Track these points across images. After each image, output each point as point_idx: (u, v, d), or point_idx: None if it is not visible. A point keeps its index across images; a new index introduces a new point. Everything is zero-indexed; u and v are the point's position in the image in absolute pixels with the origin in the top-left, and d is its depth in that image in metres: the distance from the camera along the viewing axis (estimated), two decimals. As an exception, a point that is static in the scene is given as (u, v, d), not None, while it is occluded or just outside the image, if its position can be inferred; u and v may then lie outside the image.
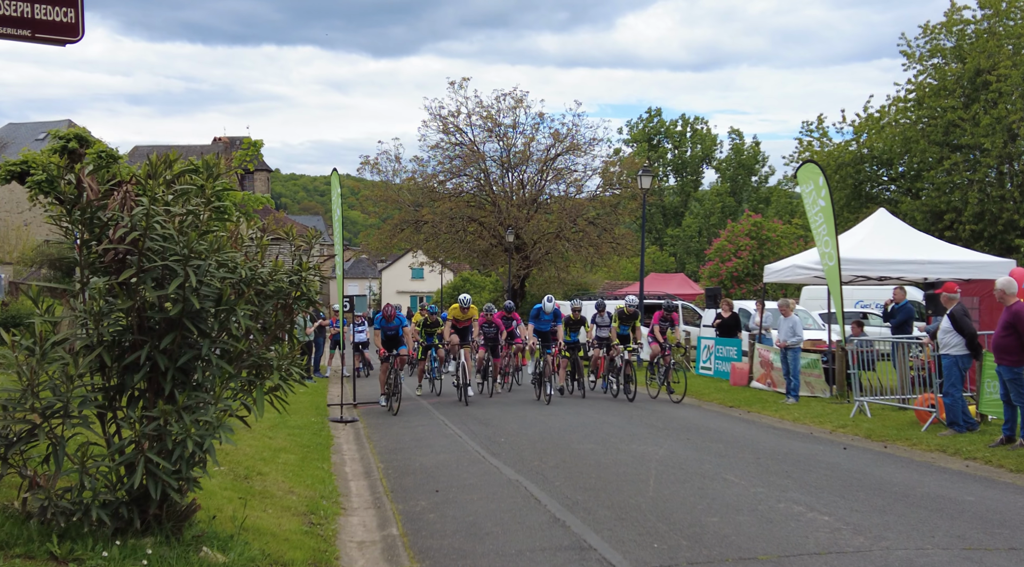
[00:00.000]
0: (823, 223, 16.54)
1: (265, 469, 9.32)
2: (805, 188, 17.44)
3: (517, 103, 43.61)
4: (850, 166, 40.74)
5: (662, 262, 61.57)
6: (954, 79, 38.58)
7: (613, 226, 44.28)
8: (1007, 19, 37.81)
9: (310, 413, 15.46)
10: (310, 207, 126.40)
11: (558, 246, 43.43)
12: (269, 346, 5.70)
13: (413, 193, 44.77)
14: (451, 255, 46.95)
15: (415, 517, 8.14)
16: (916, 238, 18.71)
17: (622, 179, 43.94)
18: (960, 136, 37.34)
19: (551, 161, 43.99)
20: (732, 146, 72.66)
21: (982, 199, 36.90)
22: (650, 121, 74.22)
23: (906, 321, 17.03)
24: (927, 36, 40.06)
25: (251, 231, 5.76)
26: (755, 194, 70.31)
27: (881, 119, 41.16)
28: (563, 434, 12.80)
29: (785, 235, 37.82)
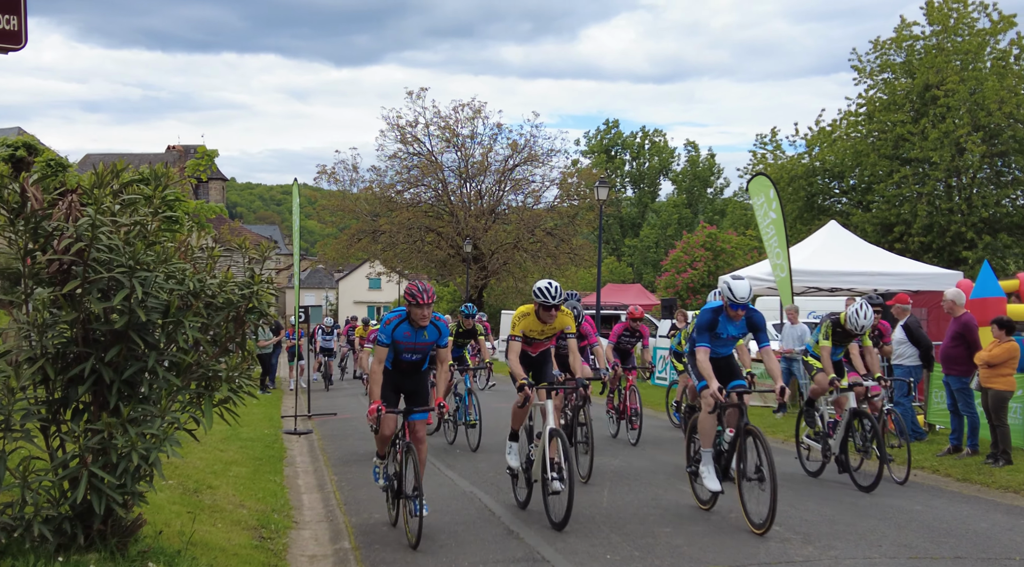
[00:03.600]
0: (774, 235, 16.76)
1: (216, 482, 9.19)
2: (756, 200, 17.67)
3: (475, 113, 43.73)
4: (802, 179, 41.32)
5: (619, 272, 61.93)
6: (903, 94, 39.35)
7: (571, 237, 44.50)
8: (955, 35, 38.69)
9: (263, 425, 15.28)
10: (266, 216, 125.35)
11: (516, 256, 43.52)
12: (219, 358, 5.63)
13: (370, 203, 44.62)
14: (409, 265, 46.81)
15: (368, 530, 8.08)
16: (866, 250, 19.04)
17: (580, 190, 44.19)
18: (909, 150, 38.08)
19: (509, 172, 44.11)
20: (688, 158, 73.43)
21: (931, 212, 37.64)
22: (608, 132, 74.76)
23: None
24: (877, 51, 40.85)
25: (202, 241, 5.68)
26: (710, 206, 71.06)
27: (833, 132, 41.84)
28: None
29: (739, 246, 38.30)
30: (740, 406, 8.05)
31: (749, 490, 7.65)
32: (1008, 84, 36.36)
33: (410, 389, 8.23)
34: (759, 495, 7.51)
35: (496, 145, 44.14)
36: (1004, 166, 38.75)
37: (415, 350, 7.96)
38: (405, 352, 7.91)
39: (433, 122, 43.70)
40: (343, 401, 20.69)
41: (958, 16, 38.71)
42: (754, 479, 7.60)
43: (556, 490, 7.68)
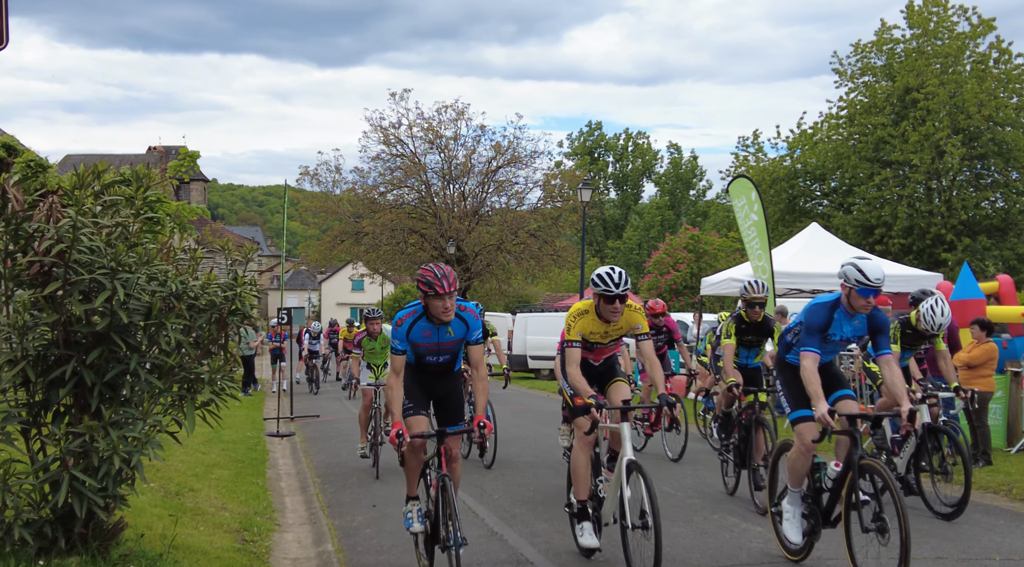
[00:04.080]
0: (756, 237, 16.84)
1: (198, 485, 9.14)
2: (737, 202, 17.75)
3: (459, 115, 43.70)
4: (784, 181, 41.57)
5: (602, 274, 62.08)
6: (884, 97, 39.65)
7: (554, 238, 44.54)
8: (935, 39, 39.02)
9: (245, 427, 15.22)
10: (248, 217, 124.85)
11: (499, 258, 43.51)
12: (201, 360, 5.60)
13: (353, 204, 44.52)
14: (392, 267, 46.74)
15: (352, 532, 8.06)
16: (845, 252, 19.13)
17: (563, 192, 44.26)
18: (890, 152, 38.36)
19: (492, 173, 44.11)
20: (671, 160, 73.71)
21: (911, 214, 37.93)
22: (591, 134, 74.92)
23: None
24: (858, 54, 41.15)
25: (185, 243, 5.66)
26: (693, 208, 71.33)
27: (814, 135, 42.10)
28: (503, 447, 12.78)
29: (722, 248, 38.45)
30: (854, 434, 6.23)
31: (865, 543, 5.95)
32: (987, 87, 36.70)
33: (443, 393, 6.72)
34: (879, 549, 5.86)
35: (479, 147, 44.15)
36: (983, 169, 39.10)
37: (440, 351, 6.39)
38: (428, 355, 6.38)
39: (416, 123, 43.67)
40: (325, 404, 20.64)
41: (938, 20, 39.05)
42: (872, 529, 5.84)
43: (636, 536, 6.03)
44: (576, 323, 6.76)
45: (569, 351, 6.70)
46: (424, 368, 6.48)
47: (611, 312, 6.58)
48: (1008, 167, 37.94)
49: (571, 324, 6.78)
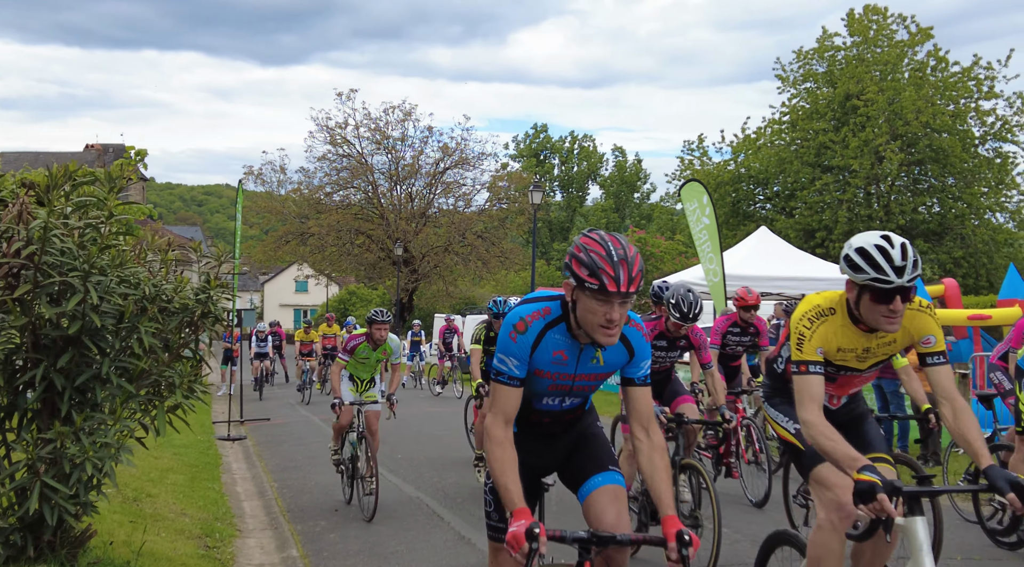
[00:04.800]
0: (707, 240, 17.04)
1: (154, 491, 8.96)
2: (689, 206, 17.93)
3: (406, 116, 43.55)
4: (728, 185, 42.21)
5: (549, 276, 62.26)
6: (825, 103, 40.49)
7: (501, 240, 44.61)
8: (875, 46, 39.97)
9: (195, 431, 14.94)
10: (187, 217, 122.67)
11: (446, 260, 43.43)
12: (170, 364, 5.50)
13: (299, 205, 44.08)
14: (337, 268, 46.36)
15: (315, 537, 7.97)
16: (795, 255, 19.51)
17: (510, 194, 44.35)
18: (831, 158, 39.19)
19: (440, 175, 44.04)
20: (616, 163, 74.32)
21: (851, 218, 38.79)
22: (536, 137, 75.17)
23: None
24: (800, 61, 41.97)
25: (155, 244, 5.55)
26: (637, 211, 72.00)
27: (758, 140, 42.82)
28: (461, 451, 12.76)
29: (668, 251, 38.83)
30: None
31: None
32: (925, 94, 37.69)
33: (563, 454, 3.95)
34: None
35: (427, 148, 44.06)
36: (921, 174, 40.15)
37: (572, 390, 3.68)
38: (549, 394, 3.67)
39: (363, 124, 43.41)
40: (275, 407, 20.36)
41: (878, 28, 40.01)
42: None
43: None
44: (816, 330, 3.94)
45: (802, 381, 3.86)
46: (532, 418, 3.77)
47: (887, 316, 3.77)
48: (944, 173, 39.02)
49: (804, 332, 3.94)
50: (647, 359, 3.58)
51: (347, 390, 9.49)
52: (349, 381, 9.60)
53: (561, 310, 3.47)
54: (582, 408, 3.88)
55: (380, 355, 9.38)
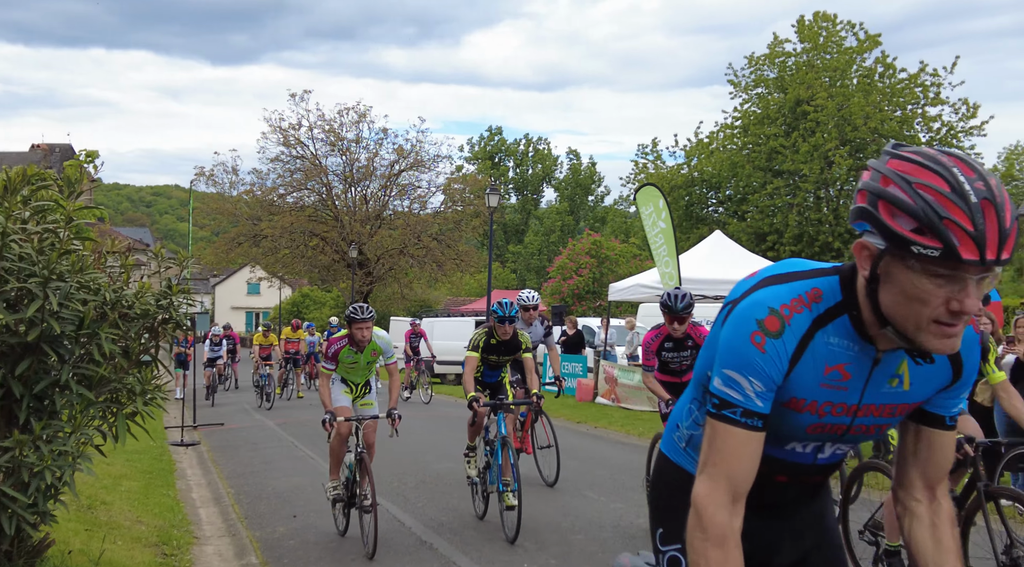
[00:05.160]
0: (663, 244, 17.21)
1: (109, 498, 8.81)
2: (645, 210, 18.10)
3: (360, 117, 43.34)
4: (682, 189, 42.65)
5: (503, 278, 62.35)
6: (776, 108, 41.12)
7: (456, 242, 44.59)
8: (824, 53, 40.68)
9: (146, 436, 14.69)
10: (135, 218, 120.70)
11: (401, 262, 43.31)
12: (129, 370, 5.42)
13: (251, 206, 43.63)
14: (291, 270, 45.97)
15: (274, 544, 7.90)
16: (749, 259, 19.78)
17: (465, 196, 44.35)
18: (782, 162, 39.81)
19: (395, 177, 43.89)
20: (570, 166, 74.66)
21: (801, 222, 39.44)
22: (491, 139, 75.25)
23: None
24: (752, 67, 42.57)
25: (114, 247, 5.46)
26: (592, 213, 72.40)
27: (710, 144, 43.34)
28: (420, 454, 12.73)
29: (623, 254, 39.17)
30: None
31: None
32: (873, 100, 38.46)
33: None
34: None
35: (382, 150, 43.89)
36: (868, 179, 40.91)
37: (849, 432, 2.18)
38: (804, 437, 2.19)
39: (317, 125, 43.10)
40: (229, 412, 20.11)
41: (827, 34, 40.73)
42: None
43: None
44: None
45: None
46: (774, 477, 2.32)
47: None
48: (891, 178, 39.78)
49: None
50: (969, 385, 2.19)
51: (342, 395, 8.20)
52: (343, 384, 8.28)
53: (842, 293, 2.03)
54: (838, 466, 2.38)
55: (369, 357, 8.01)
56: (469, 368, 8.40)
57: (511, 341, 8.61)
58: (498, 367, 9.13)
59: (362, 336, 7.73)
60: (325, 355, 8.03)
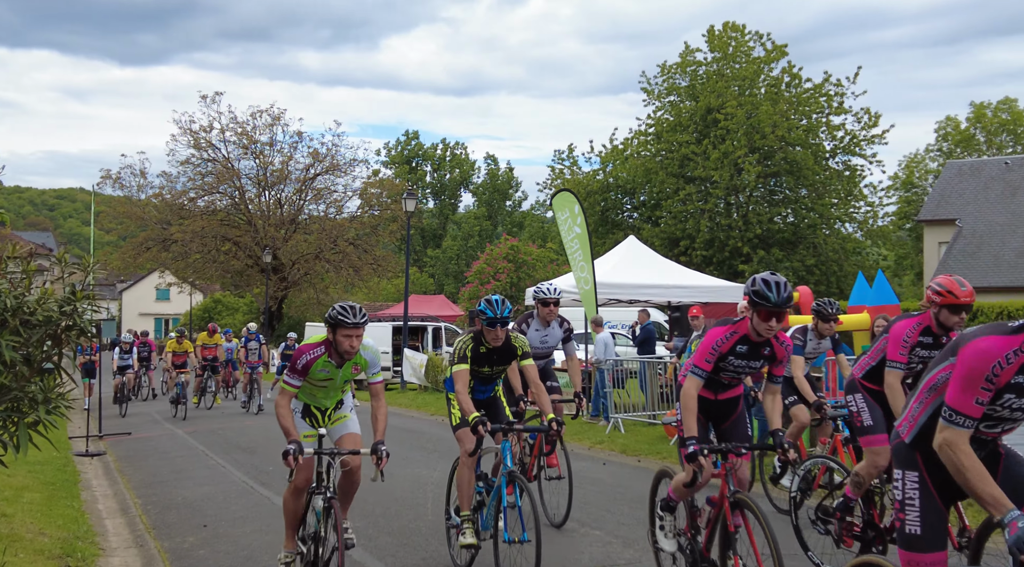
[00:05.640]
0: (579, 249, 17.43)
1: (10, 510, 8.53)
2: (560, 215, 18.30)
3: (274, 120, 42.74)
4: (598, 194, 43.23)
5: (421, 283, 62.13)
6: (688, 116, 42.03)
7: (373, 247, 44.30)
8: (734, 62, 41.75)
9: (50, 447, 14.23)
10: (38, 222, 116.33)
11: (317, 267, 42.82)
12: (32, 379, 5.28)
13: (161, 210, 42.62)
14: (202, 275, 44.99)
15: (184, 554, 7.75)
16: (661, 264, 20.18)
17: (382, 200, 44.09)
18: (693, 169, 40.70)
19: (310, 181, 43.40)
20: (488, 171, 74.85)
21: (712, 227, 40.37)
22: (408, 143, 74.94)
23: (649, 341, 18.23)
24: (664, 75, 43.42)
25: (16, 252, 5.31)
26: (509, 218, 72.70)
27: (625, 151, 44.05)
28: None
29: (540, 258, 39.45)
30: None
31: None
32: (780, 109, 39.63)
33: None
34: None
35: (297, 153, 43.35)
36: (776, 186, 42.18)
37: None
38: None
39: (229, 128, 42.33)
40: (138, 422, 19.58)
41: (736, 44, 41.82)
42: None
43: None
44: None
45: None
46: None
47: None
48: (798, 184, 41.09)
49: None
50: None
51: (302, 426, 6.35)
52: (302, 416, 6.44)
53: None
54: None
55: (349, 373, 6.26)
56: (461, 384, 6.78)
57: (504, 347, 7.02)
58: (491, 380, 7.42)
59: (350, 346, 5.95)
60: (291, 368, 6.08)
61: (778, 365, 5.69)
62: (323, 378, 6.17)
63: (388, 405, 6.51)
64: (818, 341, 8.64)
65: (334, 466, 5.97)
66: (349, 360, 6.09)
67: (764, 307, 5.34)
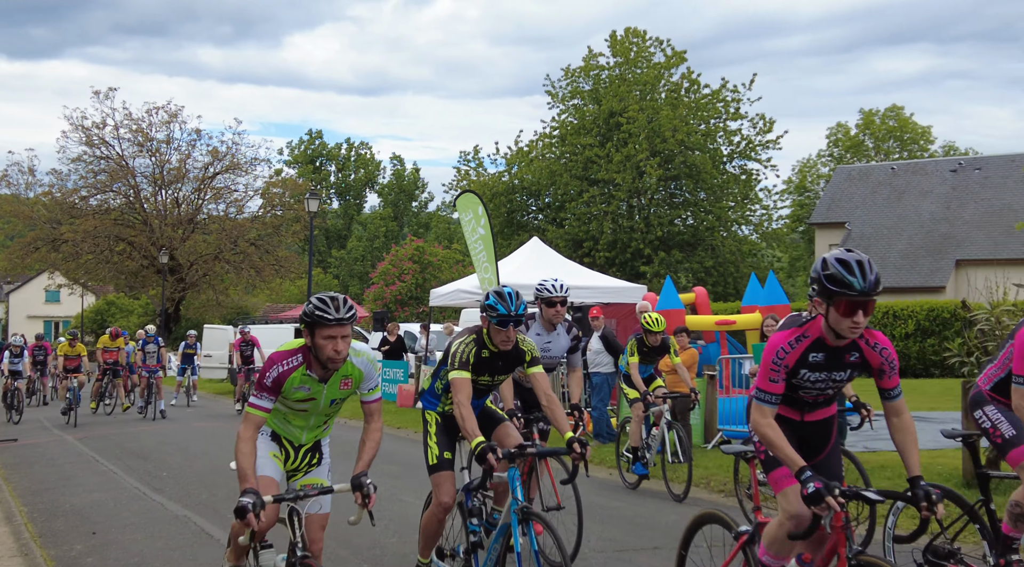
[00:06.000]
0: (483, 250, 17.47)
1: None
2: (464, 216, 18.32)
3: (171, 117, 41.62)
4: (503, 196, 43.46)
5: (326, 284, 61.33)
6: (591, 119, 42.62)
7: (276, 248, 43.57)
8: (635, 67, 42.52)
9: (-70, 456, 13.59)
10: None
11: (217, 268, 41.89)
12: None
13: (50, 209, 41.08)
14: (95, 277, 43.50)
15: (71, 563, 7.50)
16: (564, 265, 20.37)
17: (285, 200, 43.40)
18: (597, 171, 41.27)
19: (209, 179, 42.41)
20: (394, 172, 74.38)
21: (614, 229, 41.02)
22: (312, 142, 73.88)
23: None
24: (568, 78, 43.92)
25: None
26: (415, 219, 72.41)
27: (530, 153, 44.38)
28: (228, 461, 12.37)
29: (446, 259, 39.42)
30: None
31: None
32: (680, 114, 40.54)
33: None
34: None
35: (195, 152, 42.31)
36: (676, 189, 43.15)
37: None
38: None
39: (124, 124, 41.07)
40: (26, 429, 18.77)
41: (638, 50, 42.62)
42: None
43: None
44: None
45: None
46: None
47: None
48: (697, 188, 42.13)
49: None
50: None
51: (268, 459, 4.82)
52: (271, 442, 4.92)
53: None
54: None
55: (337, 391, 4.73)
56: (463, 396, 5.42)
57: (513, 352, 5.72)
58: (487, 393, 6.04)
59: (335, 351, 4.40)
60: (259, 384, 4.58)
61: (885, 377, 4.18)
62: (302, 399, 4.67)
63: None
64: None
65: (300, 515, 4.51)
66: (336, 371, 4.60)
67: (845, 297, 3.93)
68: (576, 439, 5.24)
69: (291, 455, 4.96)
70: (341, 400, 4.81)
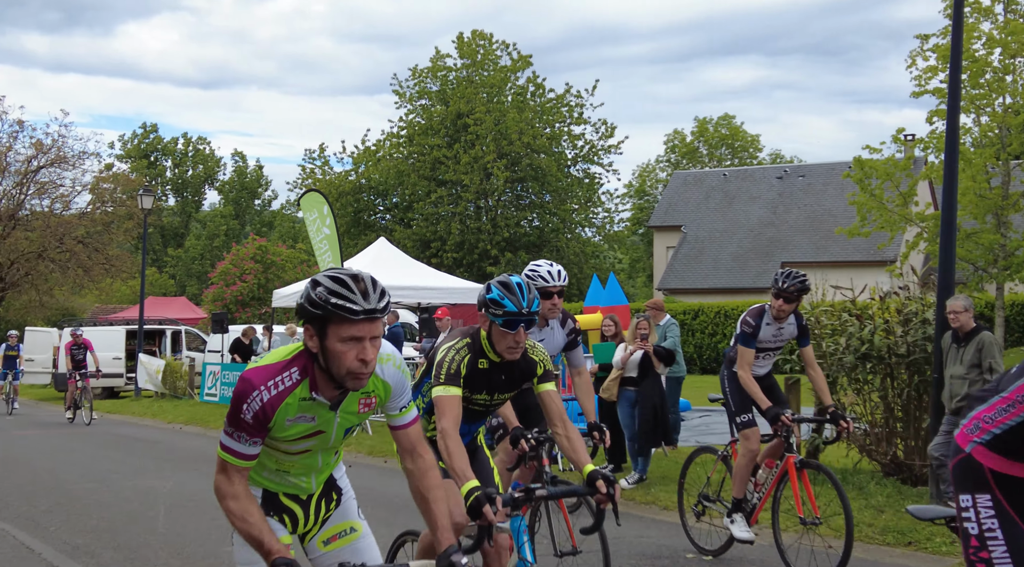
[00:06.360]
0: (328, 250, 17.24)
1: None
2: (309, 216, 18.03)
3: (-10, 107, 38.84)
4: (350, 195, 42.92)
5: (161, 285, 58.79)
6: (439, 120, 42.71)
7: (106, 246, 41.36)
8: (482, 69, 42.90)
9: None
10: None
11: (40, 267, 39.36)
12: None
13: None
14: None
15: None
16: (412, 266, 20.36)
17: (116, 196, 41.31)
18: (445, 172, 41.39)
19: (32, 174, 39.80)
20: (235, 168, 72.06)
21: (462, 230, 41.24)
22: (146, 137, 70.63)
23: (395, 342, 18.36)
24: (416, 79, 43.84)
25: None
26: (259, 218, 70.41)
27: (377, 152, 44.01)
28: (56, 475, 11.71)
29: (289, 259, 38.49)
30: None
31: None
32: (526, 117, 41.20)
33: None
34: None
35: (17, 144, 39.61)
36: (523, 191, 43.81)
37: None
38: None
39: (-65, 113, 37.99)
40: None
41: (484, 52, 43.03)
42: None
43: None
44: None
45: None
46: None
47: None
48: (543, 190, 42.93)
49: None
50: None
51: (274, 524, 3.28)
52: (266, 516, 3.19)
53: None
54: None
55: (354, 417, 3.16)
56: (449, 421, 4.02)
57: (520, 363, 4.35)
58: (481, 418, 4.69)
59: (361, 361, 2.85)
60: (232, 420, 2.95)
61: None
62: (300, 435, 3.08)
63: (120, 415, 4.79)
64: (778, 327, 6.57)
65: None
66: (357, 390, 3.03)
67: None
68: (600, 473, 3.82)
69: (300, 517, 3.36)
70: (358, 425, 3.28)
